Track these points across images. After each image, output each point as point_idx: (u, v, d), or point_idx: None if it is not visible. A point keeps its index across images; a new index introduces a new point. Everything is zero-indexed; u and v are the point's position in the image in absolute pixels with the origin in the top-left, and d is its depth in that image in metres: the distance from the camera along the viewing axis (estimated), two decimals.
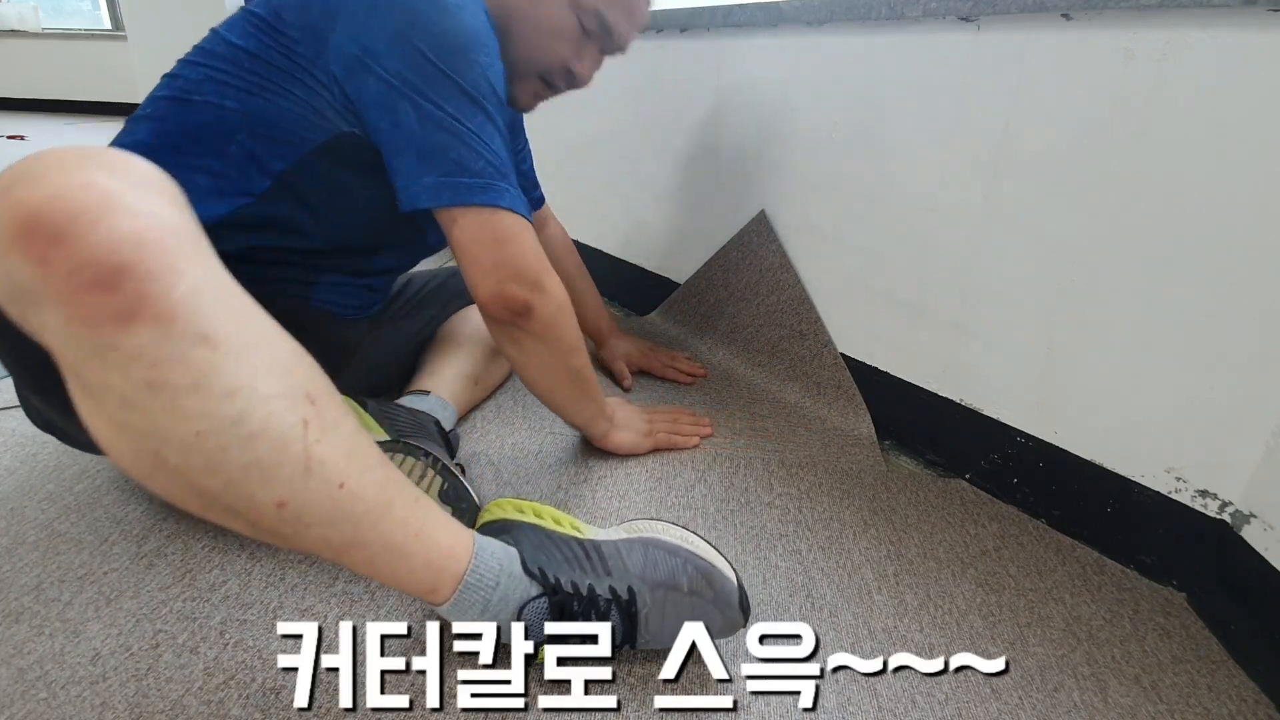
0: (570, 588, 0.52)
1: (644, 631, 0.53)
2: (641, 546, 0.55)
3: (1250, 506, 0.65)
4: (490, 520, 0.60)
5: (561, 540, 0.56)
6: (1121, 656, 0.62)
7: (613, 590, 0.52)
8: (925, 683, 0.58)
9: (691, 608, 0.53)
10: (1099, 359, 0.74)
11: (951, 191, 0.84)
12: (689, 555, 0.55)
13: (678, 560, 0.54)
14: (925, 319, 0.91)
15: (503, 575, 0.51)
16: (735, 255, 1.18)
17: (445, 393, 0.87)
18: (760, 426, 0.99)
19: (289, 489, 0.41)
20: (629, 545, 0.56)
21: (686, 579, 0.53)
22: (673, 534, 0.57)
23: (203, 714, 0.50)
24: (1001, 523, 0.81)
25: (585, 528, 0.59)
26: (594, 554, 0.55)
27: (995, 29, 0.76)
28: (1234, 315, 0.64)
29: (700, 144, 1.20)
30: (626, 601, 0.52)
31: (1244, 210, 0.62)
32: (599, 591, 0.52)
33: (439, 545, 0.49)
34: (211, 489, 0.40)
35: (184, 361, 0.37)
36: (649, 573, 0.53)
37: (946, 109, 0.83)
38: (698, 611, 0.53)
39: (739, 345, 1.18)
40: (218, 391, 0.38)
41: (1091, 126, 0.70)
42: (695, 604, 0.53)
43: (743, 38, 1.07)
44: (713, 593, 0.53)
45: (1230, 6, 0.59)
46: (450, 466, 0.68)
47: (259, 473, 0.40)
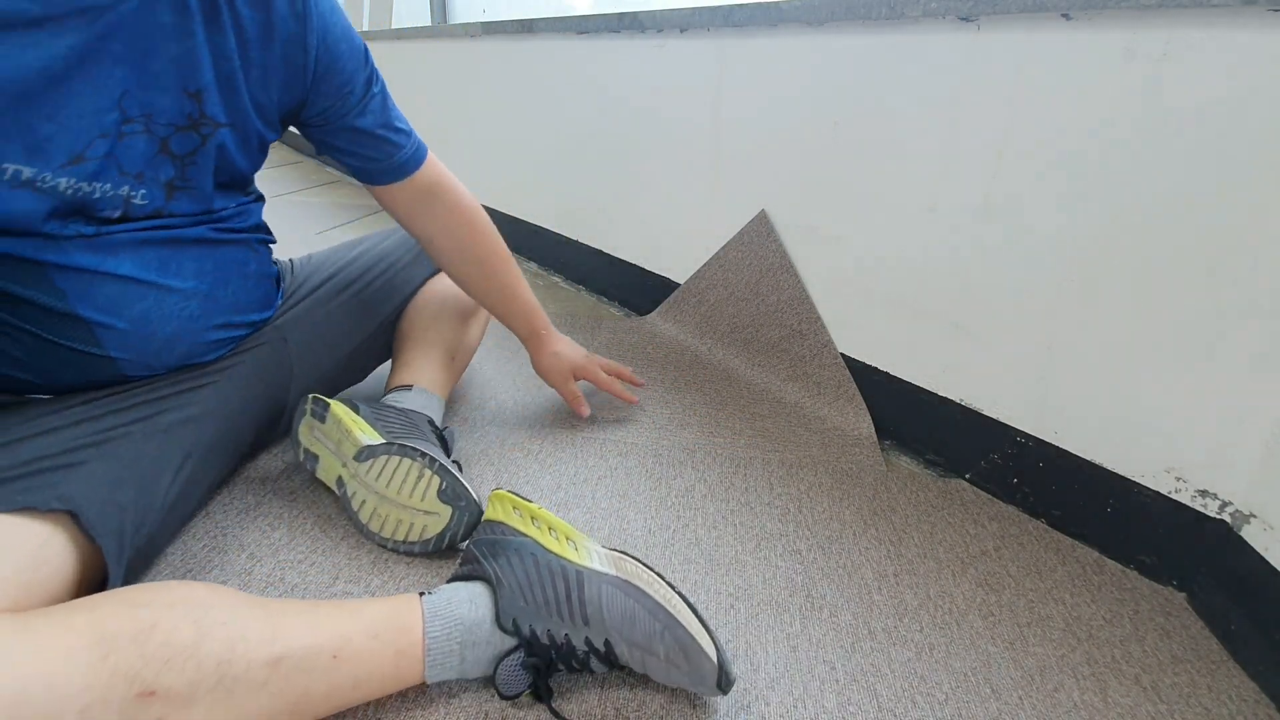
0: (546, 638, 0.51)
1: (629, 665, 0.53)
2: (623, 596, 0.53)
3: (1250, 506, 0.65)
4: (489, 520, 0.60)
5: (547, 569, 0.54)
6: (1121, 656, 0.62)
7: (589, 641, 0.51)
8: (925, 683, 0.58)
9: (667, 674, 0.52)
10: (1099, 359, 0.74)
11: (951, 191, 0.84)
12: (669, 622, 0.52)
13: (657, 625, 0.51)
14: (925, 319, 0.91)
15: (466, 639, 0.51)
16: (735, 255, 1.18)
17: (426, 382, 0.84)
18: (760, 426, 0.99)
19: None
20: (612, 590, 0.53)
21: (663, 648, 0.51)
22: (658, 591, 0.54)
23: None
24: (1001, 523, 0.81)
25: (579, 539, 0.58)
26: (575, 595, 0.53)
27: (995, 29, 0.76)
28: (1234, 315, 0.64)
29: (700, 144, 1.20)
30: (605, 652, 0.51)
31: (1244, 210, 0.62)
32: (575, 643, 0.51)
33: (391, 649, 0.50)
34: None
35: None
36: (626, 629, 0.51)
37: (946, 109, 0.83)
38: (672, 677, 0.52)
39: (739, 345, 1.18)
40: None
41: (1091, 126, 0.70)
42: (670, 672, 0.51)
43: (743, 38, 1.07)
44: (688, 666, 0.51)
45: (1230, 6, 0.59)
46: (448, 465, 0.68)
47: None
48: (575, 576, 0.54)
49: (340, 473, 0.71)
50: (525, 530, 0.57)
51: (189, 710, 0.41)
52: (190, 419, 0.64)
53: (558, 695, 0.53)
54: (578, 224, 1.60)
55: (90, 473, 0.53)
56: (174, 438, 0.62)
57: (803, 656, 0.59)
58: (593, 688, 0.55)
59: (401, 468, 0.68)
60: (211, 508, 0.73)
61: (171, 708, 0.41)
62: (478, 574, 0.55)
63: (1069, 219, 0.74)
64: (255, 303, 0.73)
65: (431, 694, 0.53)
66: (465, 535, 0.66)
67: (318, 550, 0.68)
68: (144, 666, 0.40)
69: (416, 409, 0.79)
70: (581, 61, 1.43)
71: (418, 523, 0.67)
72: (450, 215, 0.82)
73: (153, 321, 0.61)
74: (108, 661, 0.40)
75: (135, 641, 0.41)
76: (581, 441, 0.91)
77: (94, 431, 0.56)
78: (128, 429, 0.58)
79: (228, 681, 0.43)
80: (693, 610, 0.53)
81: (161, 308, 0.62)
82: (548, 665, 0.51)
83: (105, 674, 0.39)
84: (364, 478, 0.69)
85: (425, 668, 0.50)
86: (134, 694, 0.40)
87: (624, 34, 1.30)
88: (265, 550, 0.67)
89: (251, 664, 0.44)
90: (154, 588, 0.46)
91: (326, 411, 0.72)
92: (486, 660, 0.52)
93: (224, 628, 0.44)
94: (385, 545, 0.68)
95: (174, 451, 0.61)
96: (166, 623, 0.43)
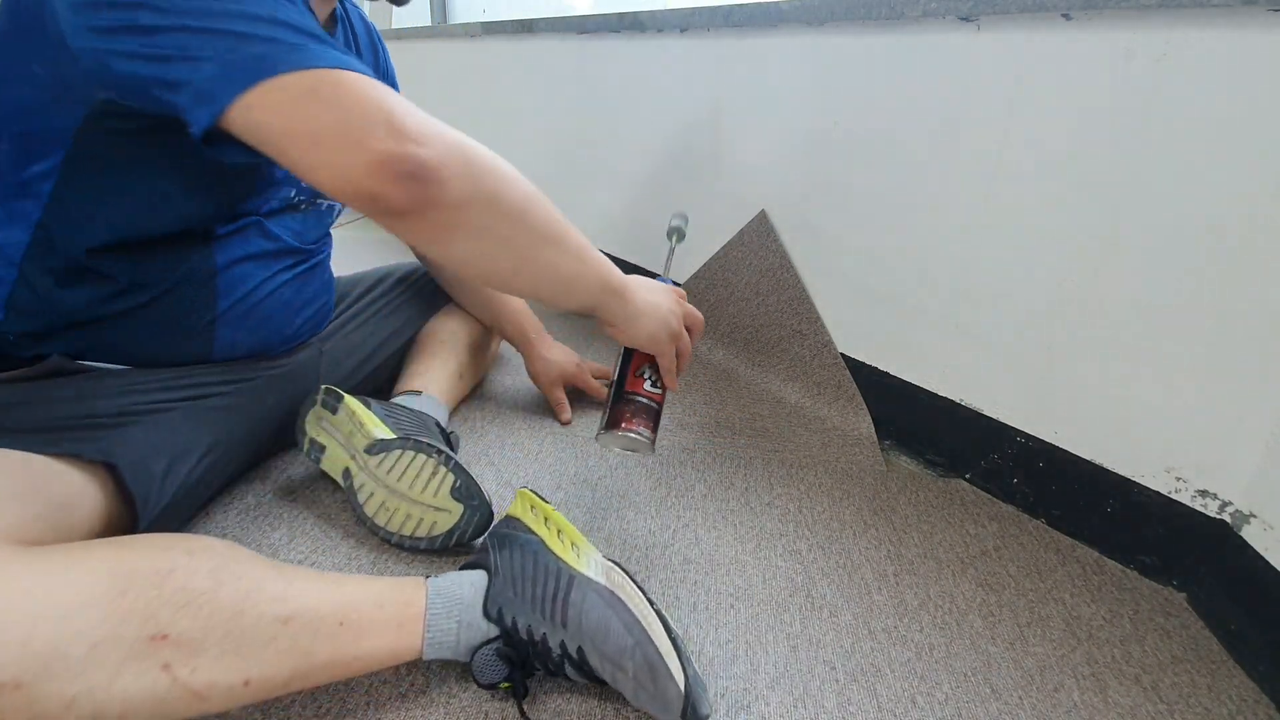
0: (526, 633, 0.51)
1: (603, 678, 0.52)
2: (603, 605, 0.52)
3: (1250, 506, 0.65)
4: (510, 515, 0.61)
5: (544, 567, 0.55)
6: (1121, 656, 0.62)
7: (563, 645, 0.51)
8: (925, 683, 0.58)
9: (635, 692, 0.50)
10: (1099, 359, 0.74)
11: (951, 191, 0.84)
12: (641, 639, 0.50)
13: (629, 641, 0.50)
14: (925, 319, 0.91)
15: (464, 619, 0.52)
16: (735, 255, 1.18)
17: (436, 391, 0.87)
18: (760, 426, 0.99)
19: (200, 709, 0.42)
20: (595, 598, 0.52)
21: (632, 665, 0.50)
22: (638, 605, 0.53)
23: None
24: (1001, 523, 0.81)
25: (583, 546, 0.59)
26: (561, 597, 0.53)
27: (995, 29, 0.76)
28: (1234, 315, 0.64)
29: (700, 144, 1.20)
30: (578, 660, 0.51)
31: (1244, 210, 0.62)
32: (551, 644, 0.51)
33: (393, 622, 0.50)
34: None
35: (2, 712, 0.36)
36: (599, 639, 0.51)
37: (946, 109, 0.83)
38: (640, 699, 0.50)
39: (739, 345, 1.18)
40: (57, 711, 0.37)
41: (1091, 126, 0.70)
42: (638, 691, 0.50)
43: (743, 38, 1.07)
44: (654, 688, 0.49)
45: (1230, 6, 0.59)
46: (461, 463, 0.69)
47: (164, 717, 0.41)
48: (567, 580, 0.54)
49: (348, 465, 0.71)
50: (536, 529, 0.58)
51: (195, 659, 0.41)
52: (227, 408, 0.68)
53: (536, 702, 0.53)
54: (577, 224, 1.59)
55: (132, 436, 0.56)
56: (207, 423, 0.65)
57: (803, 656, 0.59)
58: (573, 699, 0.54)
59: (415, 463, 0.68)
60: (211, 508, 0.73)
61: (180, 654, 0.41)
62: (483, 563, 0.56)
63: (1069, 219, 0.74)
64: (328, 310, 0.81)
65: (432, 694, 0.53)
66: (474, 535, 0.67)
67: (318, 550, 0.68)
68: (161, 607, 0.41)
69: (426, 411, 0.81)
70: (581, 61, 1.43)
71: (427, 518, 0.67)
72: None
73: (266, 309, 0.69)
74: (125, 598, 0.40)
75: (154, 582, 0.41)
76: (581, 442, 0.91)
77: (143, 402, 0.60)
78: (172, 405, 0.62)
79: (237, 633, 0.43)
80: (670, 635, 0.52)
81: (277, 298, 0.70)
82: (524, 662, 0.51)
83: (122, 610, 0.39)
84: (374, 471, 0.69)
85: (424, 643, 0.50)
86: (147, 635, 0.40)
87: (624, 34, 1.30)
88: (265, 551, 0.67)
89: (262, 618, 0.44)
90: (174, 536, 0.47)
91: (339, 404, 0.73)
92: (477, 645, 0.52)
93: (240, 580, 0.45)
94: (390, 540, 0.68)
95: (205, 436, 0.65)
96: (186, 568, 0.43)
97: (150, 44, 0.44)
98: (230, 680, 0.42)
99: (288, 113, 0.43)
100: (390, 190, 0.43)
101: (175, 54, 0.44)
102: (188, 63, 0.44)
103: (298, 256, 0.72)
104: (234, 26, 0.44)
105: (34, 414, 0.53)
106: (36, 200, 0.55)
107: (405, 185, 0.43)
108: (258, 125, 0.44)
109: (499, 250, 0.51)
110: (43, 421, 0.53)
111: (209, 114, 0.44)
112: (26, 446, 0.49)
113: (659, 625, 0.52)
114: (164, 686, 0.40)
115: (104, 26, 0.45)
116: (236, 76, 0.43)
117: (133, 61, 0.45)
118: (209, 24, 0.44)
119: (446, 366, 0.92)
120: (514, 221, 0.51)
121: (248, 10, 0.45)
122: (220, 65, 0.43)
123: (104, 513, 0.53)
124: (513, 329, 0.98)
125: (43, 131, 0.52)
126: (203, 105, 0.44)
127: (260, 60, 0.43)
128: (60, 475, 0.50)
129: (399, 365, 0.94)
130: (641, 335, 0.64)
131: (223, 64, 0.43)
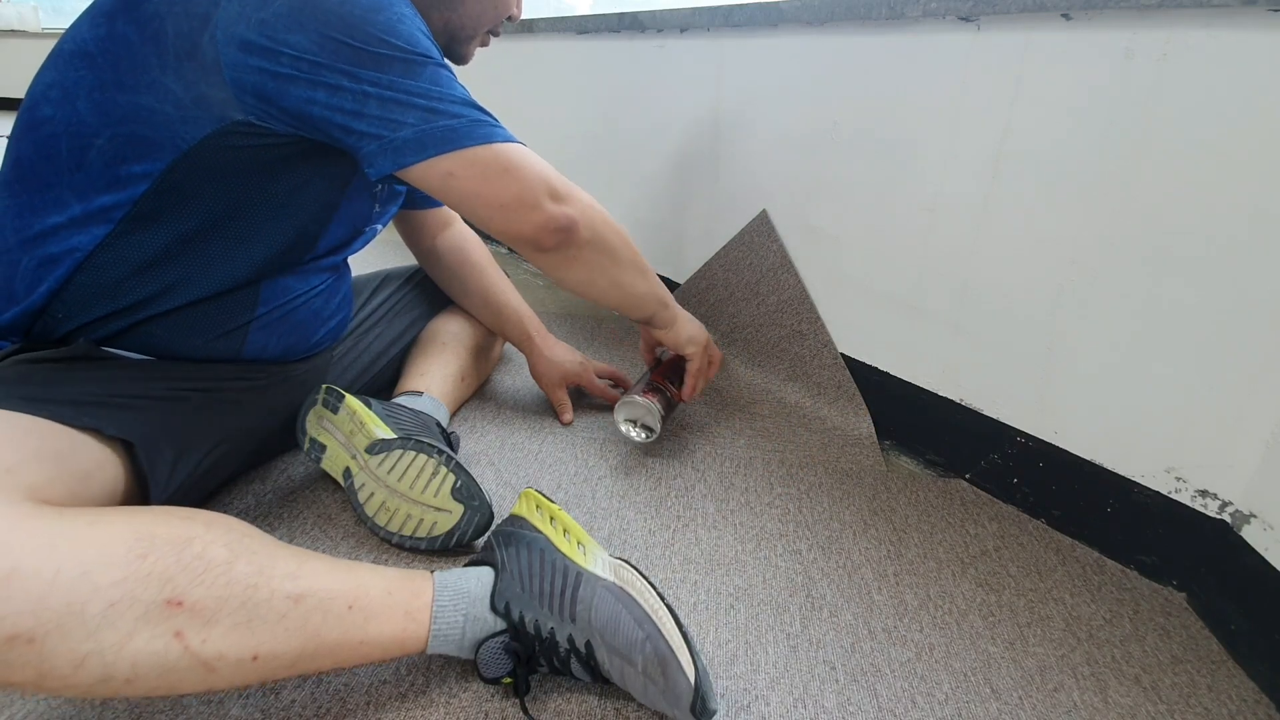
0: (533, 628, 0.51)
1: (609, 676, 0.52)
2: (614, 599, 0.52)
3: (1250, 506, 0.65)
4: (514, 514, 0.61)
5: (551, 565, 0.55)
6: (1121, 656, 0.62)
7: (571, 640, 0.51)
8: (925, 683, 0.58)
9: (644, 688, 0.50)
10: (1099, 359, 0.74)
11: (951, 191, 0.84)
12: (653, 632, 0.50)
13: (640, 634, 0.50)
14: (925, 319, 0.91)
15: (470, 612, 0.52)
16: (735, 255, 1.18)
17: (437, 392, 0.87)
18: (760, 426, 0.99)
19: (206, 682, 0.42)
20: (604, 593, 0.53)
21: (641, 658, 0.50)
22: (648, 600, 0.53)
23: (203, 714, 0.50)
24: (1001, 523, 0.81)
25: (590, 545, 0.59)
26: (569, 593, 0.53)
27: (995, 29, 0.76)
28: (1234, 315, 0.64)
29: (700, 144, 1.20)
30: (585, 655, 0.51)
31: (1244, 210, 0.62)
32: (559, 638, 0.51)
33: (401, 611, 0.50)
34: (157, 693, 0.42)
35: (11, 666, 0.36)
36: (608, 633, 0.51)
37: (946, 109, 0.83)
38: (649, 694, 0.50)
39: (739, 345, 1.18)
40: (66, 670, 0.38)
41: (1091, 126, 0.70)
42: (646, 686, 0.50)
43: (743, 38, 1.07)
44: (664, 682, 0.49)
45: (1230, 6, 0.59)
46: (462, 464, 0.69)
47: (168, 690, 0.41)
48: (575, 576, 0.54)
49: (349, 464, 0.71)
50: (542, 528, 0.58)
51: (207, 630, 0.41)
52: (238, 404, 0.69)
53: (536, 702, 0.53)
54: None
55: (148, 418, 0.58)
56: (219, 417, 0.66)
57: (803, 656, 0.59)
58: (573, 699, 0.54)
59: (416, 463, 0.68)
60: (211, 507, 0.71)
61: (194, 623, 0.41)
62: (489, 560, 0.56)
63: (1069, 219, 0.74)
64: (347, 321, 0.83)
65: (432, 694, 0.53)
66: (474, 535, 0.67)
67: (318, 550, 0.68)
68: (179, 573, 0.41)
69: (427, 411, 0.80)
70: (581, 61, 1.43)
71: (427, 519, 0.67)
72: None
73: (299, 316, 0.71)
74: (146, 560, 0.40)
75: (174, 548, 0.42)
76: (582, 442, 0.91)
77: (162, 388, 0.61)
78: (188, 394, 0.63)
79: (250, 606, 0.43)
80: (680, 629, 0.52)
81: (309, 307, 0.72)
82: (529, 658, 0.51)
83: (141, 572, 0.40)
84: (375, 470, 0.69)
85: (430, 635, 0.50)
86: (163, 599, 0.40)
87: (624, 34, 1.30)
88: None
89: (275, 594, 0.44)
90: (191, 510, 0.47)
91: (340, 403, 0.73)
92: (482, 639, 0.52)
93: (255, 555, 0.45)
94: (390, 540, 0.68)
95: (214, 430, 0.66)
96: (204, 539, 0.44)
97: (347, 102, 0.54)
98: (239, 654, 0.43)
99: (479, 182, 0.59)
100: (546, 239, 0.64)
101: (377, 115, 0.55)
102: (388, 124, 0.55)
103: (332, 270, 0.75)
104: (431, 102, 0.56)
105: (61, 389, 0.55)
106: (129, 196, 0.56)
107: (556, 235, 0.64)
108: (449, 187, 0.58)
109: (600, 276, 0.72)
110: (69, 395, 0.54)
111: (393, 165, 0.56)
112: (52, 416, 0.50)
113: (670, 620, 0.52)
114: (175, 654, 0.40)
115: (307, 79, 0.53)
116: (430, 147, 0.56)
117: (324, 109, 0.54)
118: (402, 98, 0.55)
119: (448, 368, 0.92)
120: (613, 255, 0.71)
121: (440, 82, 0.57)
122: (416, 133, 0.55)
123: (117, 489, 0.54)
124: (514, 329, 0.98)
125: (156, 137, 0.55)
126: (387, 157, 0.56)
127: (452, 132, 0.56)
128: (82, 446, 0.51)
129: (400, 365, 0.95)
130: (682, 336, 0.84)
131: (418, 132, 0.55)
